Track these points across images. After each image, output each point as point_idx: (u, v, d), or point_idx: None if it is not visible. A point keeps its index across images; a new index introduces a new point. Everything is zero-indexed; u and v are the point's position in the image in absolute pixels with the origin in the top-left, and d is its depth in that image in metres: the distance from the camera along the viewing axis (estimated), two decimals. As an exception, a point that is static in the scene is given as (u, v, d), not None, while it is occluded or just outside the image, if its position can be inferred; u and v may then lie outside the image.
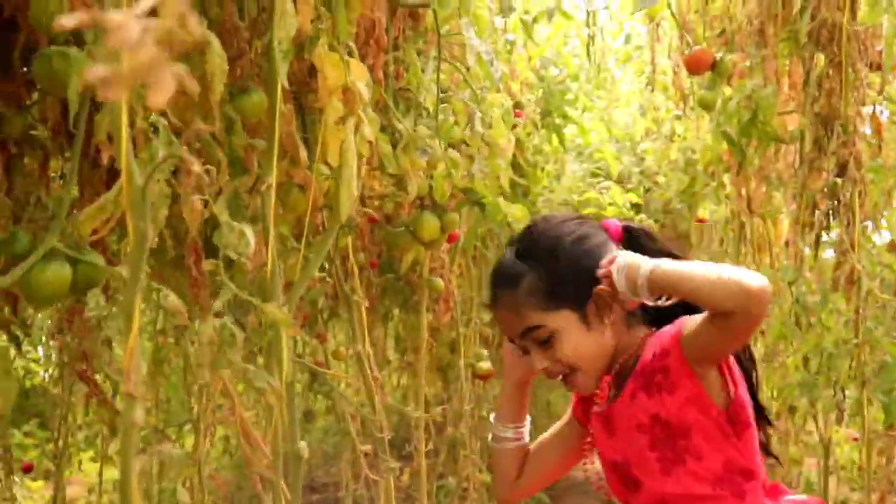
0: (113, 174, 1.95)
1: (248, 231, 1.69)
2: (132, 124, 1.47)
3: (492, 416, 1.95)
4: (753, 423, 1.69)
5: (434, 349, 4.23)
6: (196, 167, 1.19)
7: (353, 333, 2.88)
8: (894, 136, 3.47)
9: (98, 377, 5.29)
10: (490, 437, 1.95)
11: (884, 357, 3.12)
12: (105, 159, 1.56)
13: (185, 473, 3.26)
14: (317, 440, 8.41)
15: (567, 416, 1.93)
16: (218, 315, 1.85)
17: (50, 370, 5.59)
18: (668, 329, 1.66)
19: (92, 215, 1.59)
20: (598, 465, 1.84)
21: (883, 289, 3.22)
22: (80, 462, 5.76)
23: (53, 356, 5.58)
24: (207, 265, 1.72)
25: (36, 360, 5.94)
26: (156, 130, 1.65)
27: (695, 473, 1.63)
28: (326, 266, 2.94)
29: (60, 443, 4.44)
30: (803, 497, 1.83)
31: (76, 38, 1.65)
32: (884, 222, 3.53)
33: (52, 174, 2.19)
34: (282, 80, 1.81)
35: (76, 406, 5.04)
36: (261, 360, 2.71)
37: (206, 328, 1.60)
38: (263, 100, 1.90)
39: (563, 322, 1.70)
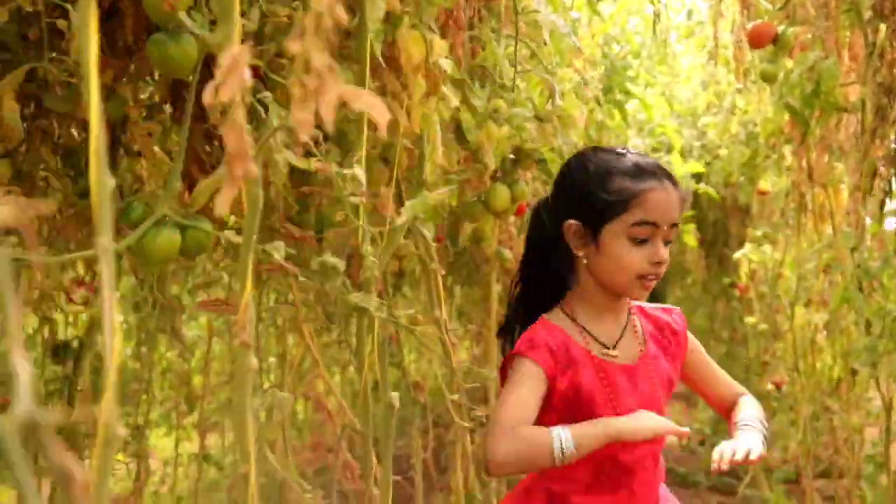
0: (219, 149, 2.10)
1: (359, 172, 1.83)
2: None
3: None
4: None
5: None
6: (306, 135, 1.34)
7: (430, 300, 3.02)
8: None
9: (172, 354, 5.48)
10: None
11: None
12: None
13: (272, 436, 3.43)
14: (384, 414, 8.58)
15: (535, 380, 1.88)
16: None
17: (130, 346, 5.80)
18: (668, 313, 2.09)
19: (208, 186, 1.75)
20: None
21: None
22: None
23: (133, 332, 5.80)
24: (340, 215, 1.85)
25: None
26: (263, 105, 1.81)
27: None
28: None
29: (141, 418, 4.63)
30: None
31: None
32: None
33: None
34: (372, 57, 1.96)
35: (153, 382, 5.26)
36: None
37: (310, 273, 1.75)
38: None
39: None
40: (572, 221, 1.94)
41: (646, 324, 2.04)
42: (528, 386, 1.86)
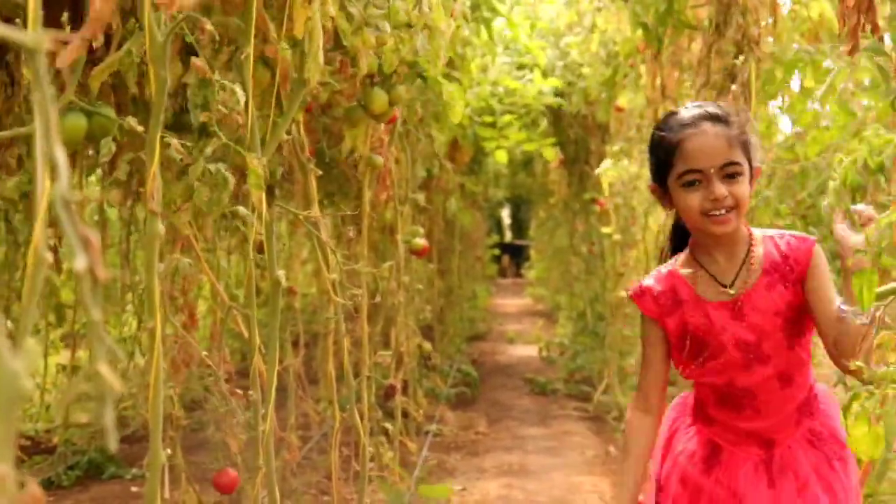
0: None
1: (238, 89, 1.99)
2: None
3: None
4: None
5: (374, 223, 4.54)
6: (209, 26, 1.50)
7: (306, 201, 3.18)
8: (796, 25, 3.79)
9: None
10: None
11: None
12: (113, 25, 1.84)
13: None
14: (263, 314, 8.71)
15: (653, 337, 2.26)
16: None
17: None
18: (798, 241, 2.15)
19: (102, 71, 1.88)
20: None
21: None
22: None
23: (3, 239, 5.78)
24: (203, 117, 2.01)
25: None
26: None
27: (803, 345, 2.14)
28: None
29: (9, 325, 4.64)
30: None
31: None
32: (783, 103, 3.90)
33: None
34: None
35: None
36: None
37: (198, 167, 1.91)
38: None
39: (746, 170, 2.07)
40: (652, 184, 2.21)
41: (770, 253, 2.17)
42: (648, 341, 2.25)
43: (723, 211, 2.05)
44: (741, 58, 3.34)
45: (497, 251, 23.71)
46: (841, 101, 3.77)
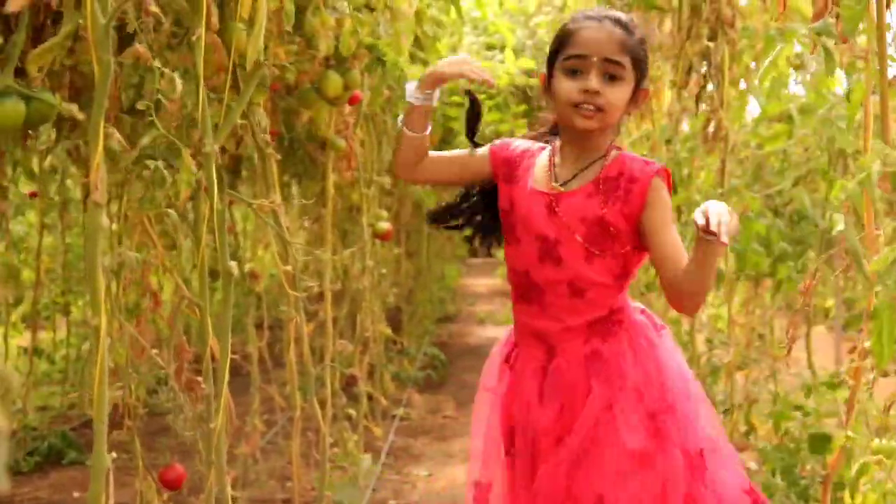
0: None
1: (177, 78, 1.91)
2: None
3: (410, 84, 2.27)
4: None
5: (338, 206, 4.46)
6: (154, 7, 1.41)
7: (265, 186, 3.10)
8: (766, 6, 3.74)
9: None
10: (404, 112, 2.30)
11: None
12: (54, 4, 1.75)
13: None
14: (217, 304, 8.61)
15: (479, 153, 2.34)
16: (152, 157, 2.08)
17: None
18: (642, 166, 2.16)
19: (39, 55, 1.79)
20: None
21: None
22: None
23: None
24: (140, 105, 1.93)
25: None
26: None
27: (608, 268, 2.14)
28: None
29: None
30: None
31: None
32: (755, 83, 3.85)
33: None
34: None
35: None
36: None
37: (131, 157, 1.82)
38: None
39: (628, 79, 2.12)
40: (542, 73, 2.23)
41: (611, 168, 2.18)
42: (467, 156, 2.35)
43: (591, 107, 2.08)
44: (714, 43, 3.29)
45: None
46: (813, 84, 3.72)
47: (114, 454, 1.74)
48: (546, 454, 2.14)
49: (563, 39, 2.15)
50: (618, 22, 2.12)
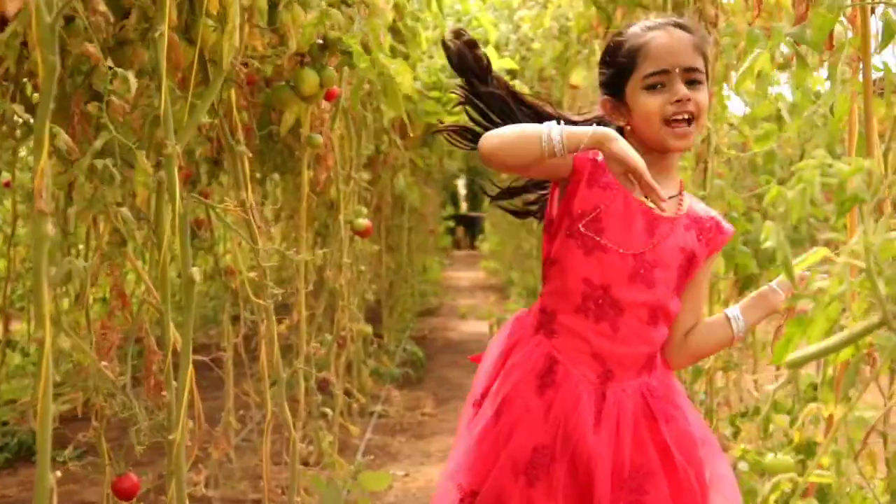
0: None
1: (131, 77, 1.83)
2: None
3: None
4: None
5: (314, 204, 4.37)
6: (102, 6, 1.33)
7: (236, 185, 3.01)
8: (749, 6, 3.67)
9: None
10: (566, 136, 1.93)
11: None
12: None
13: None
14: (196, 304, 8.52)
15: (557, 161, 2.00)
16: (111, 156, 2.00)
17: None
18: (721, 218, 2.17)
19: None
20: None
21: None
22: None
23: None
24: (91, 107, 1.85)
25: None
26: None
27: (675, 308, 2.09)
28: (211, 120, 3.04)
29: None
30: None
31: None
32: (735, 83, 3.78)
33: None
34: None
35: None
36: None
37: (85, 161, 1.74)
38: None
39: (705, 80, 2.04)
40: (604, 97, 2.09)
41: (697, 207, 2.14)
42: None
43: (686, 116, 1.98)
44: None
45: (452, 223, 23.58)
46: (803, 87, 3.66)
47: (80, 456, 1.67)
48: (601, 481, 1.99)
49: (630, 56, 2.02)
50: (681, 26, 2.05)
